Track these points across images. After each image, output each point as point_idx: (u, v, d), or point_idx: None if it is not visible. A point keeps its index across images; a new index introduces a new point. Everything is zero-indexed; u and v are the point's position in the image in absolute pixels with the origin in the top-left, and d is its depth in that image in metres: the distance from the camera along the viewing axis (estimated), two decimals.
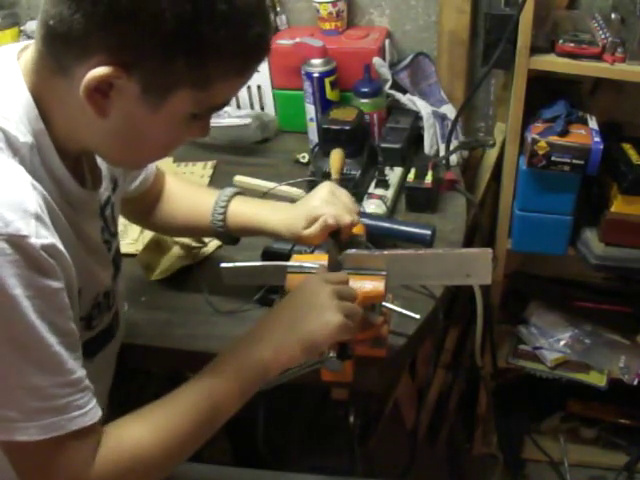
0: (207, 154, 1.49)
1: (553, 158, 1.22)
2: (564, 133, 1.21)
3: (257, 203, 1.03)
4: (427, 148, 1.37)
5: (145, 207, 1.06)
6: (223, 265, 0.93)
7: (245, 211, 1.00)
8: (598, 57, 1.17)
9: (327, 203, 0.91)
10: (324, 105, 1.39)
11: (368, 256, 0.86)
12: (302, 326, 0.77)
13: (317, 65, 1.37)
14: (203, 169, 1.44)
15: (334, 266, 0.85)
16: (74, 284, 0.69)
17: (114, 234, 0.88)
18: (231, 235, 1.02)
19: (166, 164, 1.47)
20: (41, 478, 0.68)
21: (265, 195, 1.25)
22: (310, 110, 1.41)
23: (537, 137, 1.22)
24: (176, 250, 1.18)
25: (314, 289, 0.79)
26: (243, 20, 0.64)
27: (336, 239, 0.89)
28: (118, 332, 0.90)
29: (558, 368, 1.57)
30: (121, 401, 1.56)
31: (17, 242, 0.60)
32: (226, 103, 0.72)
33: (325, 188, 0.95)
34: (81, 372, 0.67)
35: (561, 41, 1.18)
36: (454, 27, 1.42)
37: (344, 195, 0.94)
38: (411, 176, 1.24)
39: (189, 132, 0.73)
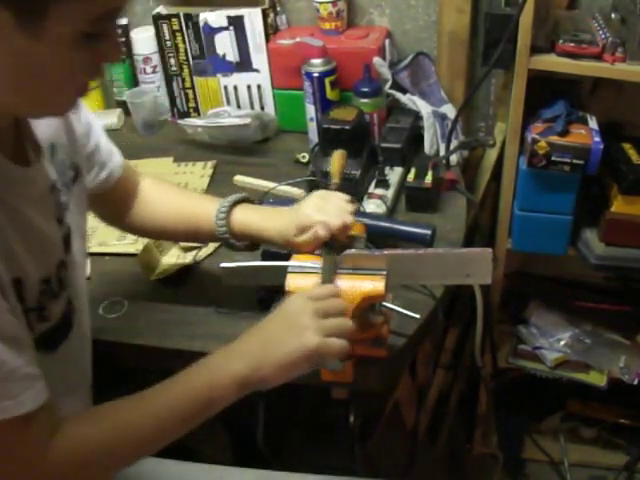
0: (207, 154, 1.49)
1: (553, 158, 1.22)
2: (564, 133, 1.21)
3: (253, 210, 1.00)
4: (427, 148, 1.37)
5: (117, 206, 1.03)
6: (223, 265, 0.93)
7: (242, 219, 0.98)
8: (598, 57, 1.17)
9: (318, 211, 0.90)
10: (324, 105, 1.39)
11: (368, 256, 0.86)
12: (278, 348, 0.76)
13: (317, 65, 1.37)
14: (203, 169, 1.44)
15: (326, 277, 0.84)
16: (3, 275, 0.67)
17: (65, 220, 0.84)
18: (236, 243, 1.00)
19: (166, 164, 1.48)
20: None
21: (265, 195, 1.25)
22: (310, 110, 1.41)
23: (537, 137, 1.22)
24: (176, 250, 1.18)
25: (296, 308, 0.78)
26: None
27: (330, 247, 0.88)
28: (77, 322, 0.85)
29: (558, 368, 1.57)
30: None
31: None
32: (114, 12, 0.65)
33: (316, 195, 0.95)
34: (16, 362, 0.66)
35: (561, 41, 1.18)
36: (454, 27, 1.42)
37: (336, 198, 0.93)
38: (411, 176, 1.24)
39: (92, 57, 0.66)
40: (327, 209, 0.90)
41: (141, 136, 1.61)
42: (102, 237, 1.26)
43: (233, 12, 1.47)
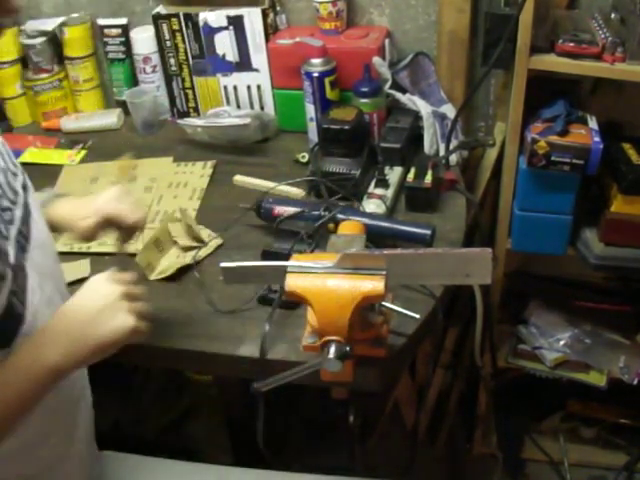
0: (207, 154, 1.49)
1: (553, 158, 1.22)
2: (564, 133, 1.21)
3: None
4: (427, 148, 1.37)
5: None
6: (223, 265, 0.93)
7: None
8: (598, 57, 1.17)
9: (117, 200, 0.97)
10: (324, 105, 1.38)
11: (368, 256, 0.86)
12: (93, 331, 0.76)
13: (317, 65, 1.37)
14: (203, 169, 1.44)
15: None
16: None
17: (15, 202, 0.83)
18: None
19: (166, 164, 1.48)
20: None
21: (265, 195, 1.25)
22: (310, 110, 1.41)
23: (537, 137, 1.22)
24: (176, 250, 1.18)
25: (104, 292, 0.79)
26: None
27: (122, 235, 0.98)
28: (33, 315, 0.80)
29: (558, 368, 1.57)
30: (122, 399, 1.57)
31: None
32: None
33: (114, 189, 0.99)
34: None
35: (561, 41, 1.18)
36: (454, 27, 1.42)
37: (132, 196, 1.00)
38: (411, 176, 1.24)
39: None
40: (125, 200, 0.97)
41: (141, 136, 1.61)
42: (102, 237, 1.26)
43: (233, 12, 1.47)
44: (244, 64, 1.53)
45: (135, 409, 1.55)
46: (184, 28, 1.51)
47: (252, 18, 1.47)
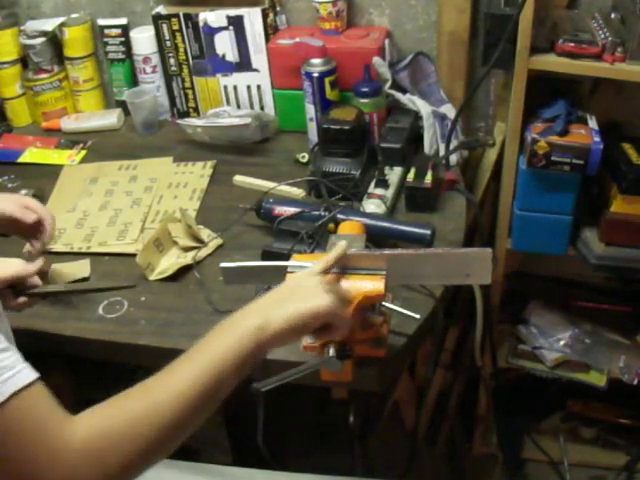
0: (207, 154, 1.49)
1: (553, 158, 1.22)
2: (564, 133, 1.21)
3: None
4: (427, 148, 1.37)
5: None
6: (223, 265, 0.93)
7: None
8: (598, 57, 1.17)
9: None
10: (324, 105, 1.39)
11: (368, 256, 0.86)
12: (291, 302, 0.77)
13: (317, 65, 1.37)
14: (203, 169, 1.44)
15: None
16: None
17: None
18: None
19: (166, 164, 1.48)
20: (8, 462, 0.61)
21: (265, 195, 1.25)
22: (310, 110, 1.41)
23: (537, 137, 1.22)
24: (176, 250, 1.18)
25: (305, 277, 0.81)
26: None
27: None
28: None
29: (558, 368, 1.57)
30: None
31: None
32: None
33: None
34: None
35: (561, 41, 1.18)
36: (454, 27, 1.42)
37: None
38: (411, 176, 1.24)
39: None
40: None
41: (141, 136, 1.61)
42: (102, 237, 1.26)
43: (233, 12, 1.47)
44: (244, 64, 1.53)
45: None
46: (184, 28, 1.52)
47: (252, 18, 1.47)
